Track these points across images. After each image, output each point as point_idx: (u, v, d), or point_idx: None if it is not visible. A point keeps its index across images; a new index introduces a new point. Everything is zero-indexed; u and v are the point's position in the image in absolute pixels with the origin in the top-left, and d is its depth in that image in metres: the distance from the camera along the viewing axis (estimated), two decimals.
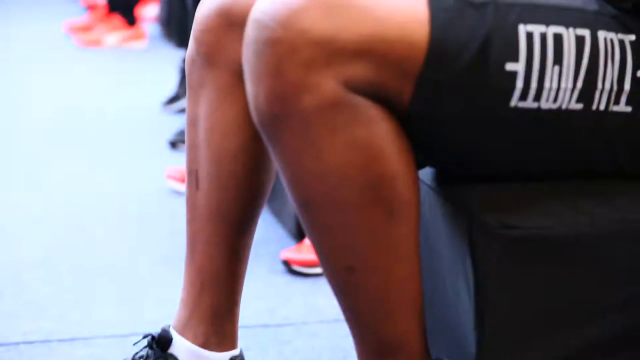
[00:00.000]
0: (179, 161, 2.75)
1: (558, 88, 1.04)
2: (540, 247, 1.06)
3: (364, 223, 1.02)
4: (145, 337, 1.32)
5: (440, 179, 1.16)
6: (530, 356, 1.08)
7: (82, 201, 2.53)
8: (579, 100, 1.06)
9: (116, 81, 4.12)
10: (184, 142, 1.32)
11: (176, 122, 3.27)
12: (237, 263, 1.30)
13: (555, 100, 1.05)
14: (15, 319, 1.79)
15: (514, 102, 1.03)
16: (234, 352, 1.32)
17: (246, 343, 1.50)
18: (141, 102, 3.66)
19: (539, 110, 1.05)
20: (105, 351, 1.67)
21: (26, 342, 1.70)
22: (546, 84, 1.04)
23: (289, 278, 2.01)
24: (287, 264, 2.03)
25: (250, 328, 1.74)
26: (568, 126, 1.07)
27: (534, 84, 1.03)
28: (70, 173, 2.79)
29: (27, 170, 2.83)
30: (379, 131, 0.99)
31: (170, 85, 3.72)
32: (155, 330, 1.32)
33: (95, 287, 1.96)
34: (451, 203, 1.11)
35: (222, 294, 1.30)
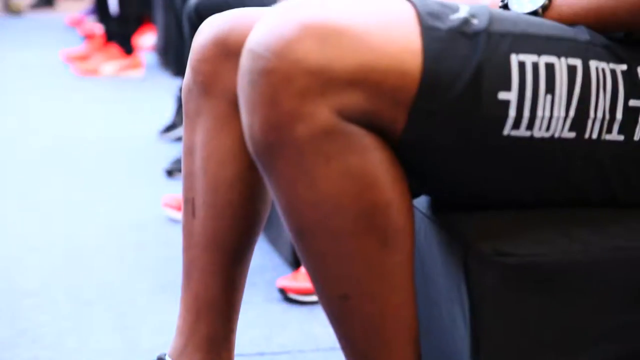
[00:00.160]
0: (176, 189, 2.76)
1: (550, 117, 1.05)
2: (534, 275, 1.06)
3: (359, 251, 1.02)
4: None
5: (435, 207, 1.16)
6: None
7: (79, 229, 2.53)
8: (572, 128, 1.07)
9: (113, 110, 4.13)
10: (181, 171, 1.33)
11: (173, 151, 3.27)
12: (233, 291, 1.31)
13: (548, 128, 1.06)
14: (11, 347, 1.79)
15: (507, 131, 1.04)
16: None
17: None
18: (138, 131, 3.67)
19: (532, 138, 1.05)
20: None
21: None
22: (539, 113, 1.04)
23: (285, 306, 2.01)
24: (283, 292, 2.03)
25: (246, 356, 1.73)
26: (561, 155, 1.08)
27: (527, 113, 1.04)
28: (67, 201, 2.80)
29: (24, 197, 2.84)
30: (373, 159, 1.00)
31: (167, 113, 3.73)
32: (151, 358, 1.32)
33: (92, 315, 1.95)
34: (446, 231, 1.12)
35: (218, 322, 1.30)
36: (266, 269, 2.21)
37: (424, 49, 1.00)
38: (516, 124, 1.04)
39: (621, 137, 1.09)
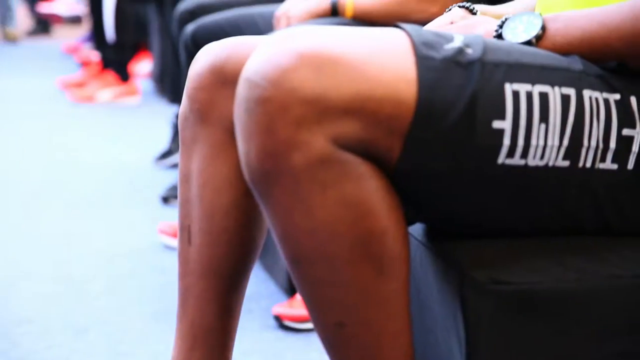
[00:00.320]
0: (172, 216, 2.76)
1: (545, 145, 1.06)
2: (529, 303, 1.06)
3: (354, 279, 1.03)
4: None
5: (430, 235, 1.17)
6: None
7: (74, 256, 2.53)
8: (566, 157, 1.07)
9: (109, 136, 4.14)
10: (177, 198, 1.33)
11: (169, 178, 3.28)
12: (229, 318, 1.30)
13: (542, 157, 1.06)
14: None
15: (501, 160, 1.05)
16: None
17: None
18: (134, 157, 3.68)
19: (526, 167, 1.06)
20: None
21: None
22: (533, 142, 1.05)
23: (281, 333, 2.01)
24: (279, 320, 2.03)
25: None
26: (555, 183, 1.08)
27: (521, 142, 1.05)
28: (62, 228, 2.80)
29: (19, 224, 2.83)
30: (369, 187, 1.00)
31: (163, 140, 3.74)
32: None
33: (86, 343, 1.95)
34: (442, 259, 1.12)
35: (214, 350, 1.30)
36: (262, 296, 2.20)
37: (419, 78, 1.00)
38: (510, 153, 1.05)
39: (615, 166, 1.10)
